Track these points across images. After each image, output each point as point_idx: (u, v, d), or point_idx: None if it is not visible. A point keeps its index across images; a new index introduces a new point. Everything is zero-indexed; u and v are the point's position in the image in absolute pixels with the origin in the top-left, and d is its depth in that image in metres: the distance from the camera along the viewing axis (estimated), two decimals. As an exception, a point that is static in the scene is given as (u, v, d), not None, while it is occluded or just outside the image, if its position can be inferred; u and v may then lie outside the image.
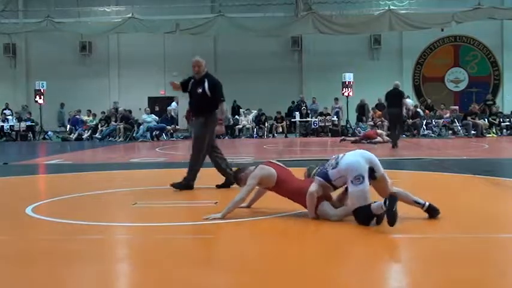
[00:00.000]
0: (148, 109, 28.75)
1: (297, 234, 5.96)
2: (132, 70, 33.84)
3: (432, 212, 6.43)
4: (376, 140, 22.52)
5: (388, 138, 22.43)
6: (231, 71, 32.97)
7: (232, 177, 7.24)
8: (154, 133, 27.17)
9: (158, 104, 31.30)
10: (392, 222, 5.74)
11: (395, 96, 19.09)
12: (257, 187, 6.94)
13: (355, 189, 6.09)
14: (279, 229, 6.22)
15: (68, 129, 29.41)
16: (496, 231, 6.00)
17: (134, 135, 27.59)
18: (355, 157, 6.27)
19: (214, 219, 6.51)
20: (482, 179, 10.30)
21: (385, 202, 5.83)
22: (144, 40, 32.95)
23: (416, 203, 6.50)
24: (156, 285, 4.33)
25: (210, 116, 9.38)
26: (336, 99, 29.94)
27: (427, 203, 6.47)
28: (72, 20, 31.25)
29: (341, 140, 23.56)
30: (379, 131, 23.84)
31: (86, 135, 28.53)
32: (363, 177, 6.09)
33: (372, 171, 6.20)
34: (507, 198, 8.27)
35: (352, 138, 23.66)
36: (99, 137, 27.92)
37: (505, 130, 27.89)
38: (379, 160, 6.46)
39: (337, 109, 29.91)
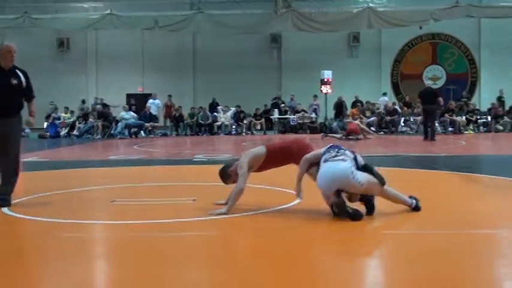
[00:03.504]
0: (126, 106, 28.62)
1: (278, 231, 5.95)
2: (110, 67, 33.66)
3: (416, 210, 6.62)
4: (359, 136, 22.58)
5: (372, 136, 22.73)
6: (210, 68, 32.97)
7: (220, 174, 7.15)
8: (132, 130, 27.05)
9: (136, 101, 31.14)
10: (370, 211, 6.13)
11: (429, 94, 22.06)
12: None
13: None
14: (260, 226, 6.21)
15: (45, 127, 29.17)
16: (472, 227, 6.03)
17: (112, 132, 27.45)
18: (326, 178, 6.24)
19: (219, 214, 6.59)
20: (460, 176, 10.37)
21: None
22: (122, 36, 32.77)
23: (405, 203, 6.57)
24: (134, 284, 4.29)
25: (19, 113, 7.77)
26: (315, 96, 30.01)
27: (414, 203, 6.58)
28: (50, 16, 31.01)
29: (323, 136, 23.49)
30: (361, 125, 23.82)
31: (63, 132, 28.32)
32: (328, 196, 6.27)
33: (338, 192, 6.22)
34: (484, 195, 8.33)
35: (337, 136, 23.60)
36: (77, 134, 27.71)
37: (482, 127, 28.15)
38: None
39: (314, 106, 29.98)
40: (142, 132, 27.47)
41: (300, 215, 6.48)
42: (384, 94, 31.64)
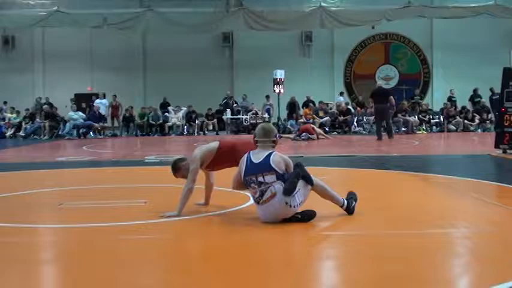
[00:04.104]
0: (74, 106, 28.30)
1: (230, 233, 5.95)
2: (58, 65, 33.11)
3: (348, 211, 6.55)
4: (313, 136, 22.73)
5: (324, 137, 22.93)
6: (161, 67, 32.74)
7: (172, 166, 7.07)
8: (81, 131, 26.75)
9: (85, 101, 30.79)
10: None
11: (381, 94, 22.44)
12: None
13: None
14: (212, 228, 6.21)
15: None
16: (423, 227, 6.12)
17: (60, 133, 27.11)
18: (267, 218, 6.19)
19: (170, 217, 6.51)
20: (412, 175, 10.52)
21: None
22: (70, 34, 32.31)
23: (334, 200, 6.54)
24: (83, 289, 4.24)
25: None
26: (267, 96, 30.10)
27: (346, 202, 6.54)
28: (-6, 12, 30.45)
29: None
30: (316, 129, 23.93)
31: (8, 133, 27.86)
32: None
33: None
34: (436, 195, 8.46)
35: (292, 136, 23.71)
36: (23, 134, 27.30)
37: (434, 127, 28.62)
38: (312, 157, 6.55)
39: (268, 106, 30.08)
40: (91, 132, 27.20)
41: (253, 216, 6.47)
42: (341, 94, 31.89)
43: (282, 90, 28.83)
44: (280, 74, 28.77)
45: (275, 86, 28.80)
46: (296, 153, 15.98)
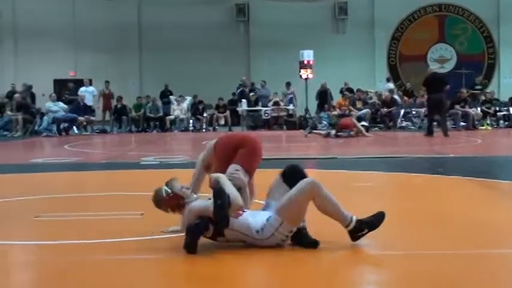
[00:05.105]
0: (54, 95, 28.40)
1: (245, 254, 5.94)
2: (33, 45, 33.29)
3: (352, 236, 6.10)
4: (351, 132, 22.67)
5: (368, 134, 22.89)
6: (160, 47, 32.85)
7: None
8: (62, 125, 26.86)
9: (71, 89, 30.85)
10: None
11: (436, 82, 22.40)
12: None
13: None
14: (222, 246, 6.21)
15: None
16: (490, 246, 6.09)
17: (36, 128, 27.25)
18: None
19: (173, 232, 6.51)
20: (473, 182, 10.47)
21: None
22: (48, 7, 32.50)
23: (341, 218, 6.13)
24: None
25: None
26: (288, 83, 30.03)
27: (354, 222, 6.05)
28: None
29: (307, 133, 23.50)
30: (357, 124, 23.84)
31: (-28, 128, 28.07)
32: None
33: None
34: (503, 205, 8.42)
35: (323, 132, 23.70)
36: (-10, 130, 27.51)
37: (501, 121, 28.41)
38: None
39: (290, 95, 30.03)
40: (74, 128, 27.31)
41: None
42: (388, 80, 31.77)
43: (310, 75, 28.79)
44: (308, 55, 28.76)
45: (302, 70, 28.80)
46: (328, 154, 15.96)
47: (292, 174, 6.10)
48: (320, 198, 5.84)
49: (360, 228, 5.94)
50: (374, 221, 6.02)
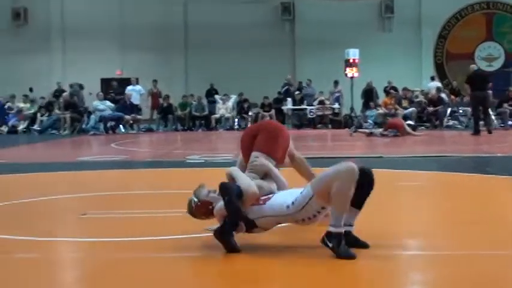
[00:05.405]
0: (101, 94, 28.61)
1: (282, 251, 5.92)
2: (80, 44, 33.57)
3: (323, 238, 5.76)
4: (398, 132, 22.47)
5: (417, 133, 22.72)
6: (206, 46, 32.89)
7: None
8: (109, 124, 27.06)
9: (115, 88, 31.10)
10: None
11: (479, 79, 22.54)
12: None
13: None
14: (267, 243, 6.19)
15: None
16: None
17: (84, 126, 27.48)
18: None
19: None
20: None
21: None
22: (95, 6, 32.75)
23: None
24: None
25: None
26: (336, 82, 29.96)
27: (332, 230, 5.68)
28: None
29: (352, 132, 23.43)
30: (407, 127, 23.58)
31: (21, 126, 28.36)
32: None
33: None
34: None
35: (367, 131, 23.55)
36: (39, 129, 27.76)
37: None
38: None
39: (337, 94, 29.95)
40: (121, 126, 27.50)
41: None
42: (431, 79, 31.53)
43: (356, 74, 28.68)
44: (353, 53, 28.65)
45: (347, 69, 28.70)
46: (373, 153, 15.88)
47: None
48: (344, 184, 5.46)
49: (333, 240, 5.53)
50: (341, 250, 5.51)
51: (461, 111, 28.34)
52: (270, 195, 5.92)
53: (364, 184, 5.70)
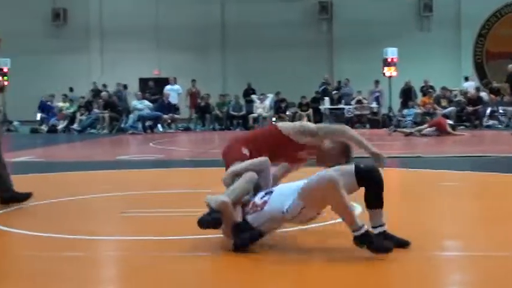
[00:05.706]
0: (139, 93, 28.76)
1: (317, 252, 5.91)
2: (118, 45, 33.83)
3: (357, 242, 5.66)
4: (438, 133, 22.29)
5: (459, 132, 22.52)
6: (243, 45, 32.97)
7: None
8: (147, 123, 27.20)
9: (151, 87, 31.25)
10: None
11: None
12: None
13: None
14: (302, 243, 6.18)
15: (38, 118, 29.45)
16: None
17: (122, 126, 27.64)
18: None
19: None
20: None
21: None
22: (133, 7, 32.94)
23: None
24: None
25: None
26: (376, 81, 29.85)
27: (362, 230, 5.59)
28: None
29: (391, 132, 23.33)
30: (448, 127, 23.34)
31: (61, 125, 28.58)
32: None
33: None
34: None
35: (407, 131, 23.36)
36: (78, 128, 27.96)
37: None
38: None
39: (376, 93, 29.83)
40: (159, 125, 27.63)
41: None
42: (466, 79, 31.26)
43: (394, 73, 28.54)
44: (392, 53, 28.50)
45: (385, 68, 28.55)
46: (412, 152, 15.80)
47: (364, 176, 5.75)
48: (333, 197, 5.47)
49: (363, 241, 5.48)
50: (376, 246, 5.47)
51: (501, 110, 28.09)
52: (266, 198, 5.93)
53: (371, 184, 5.67)
